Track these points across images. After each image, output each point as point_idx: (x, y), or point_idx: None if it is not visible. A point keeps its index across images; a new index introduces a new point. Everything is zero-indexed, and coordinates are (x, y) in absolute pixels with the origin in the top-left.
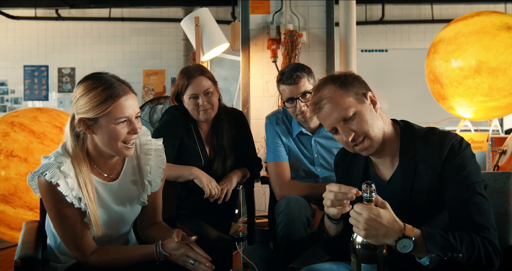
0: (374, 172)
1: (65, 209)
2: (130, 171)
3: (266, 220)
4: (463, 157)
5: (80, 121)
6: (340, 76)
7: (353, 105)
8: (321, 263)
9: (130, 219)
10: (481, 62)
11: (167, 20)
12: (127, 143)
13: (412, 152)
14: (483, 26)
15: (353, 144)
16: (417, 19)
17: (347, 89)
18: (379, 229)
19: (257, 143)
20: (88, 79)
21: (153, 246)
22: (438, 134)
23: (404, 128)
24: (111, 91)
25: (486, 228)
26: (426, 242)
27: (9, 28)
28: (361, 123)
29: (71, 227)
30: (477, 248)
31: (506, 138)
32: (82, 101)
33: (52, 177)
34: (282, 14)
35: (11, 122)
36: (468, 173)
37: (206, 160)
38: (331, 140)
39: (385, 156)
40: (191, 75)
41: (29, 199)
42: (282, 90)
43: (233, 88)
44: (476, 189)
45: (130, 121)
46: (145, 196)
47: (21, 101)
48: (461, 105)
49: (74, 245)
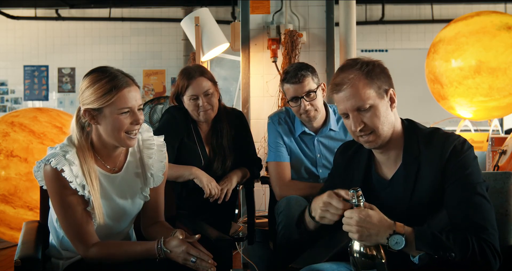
0: (376, 170)
1: (69, 196)
2: (133, 164)
3: (266, 220)
4: (465, 158)
5: (85, 112)
6: (369, 64)
7: (372, 98)
8: (321, 263)
9: (131, 213)
10: (481, 62)
11: (167, 20)
12: (129, 133)
13: (416, 152)
14: (483, 26)
15: (359, 134)
16: (417, 19)
17: (371, 80)
18: (370, 228)
19: (257, 143)
20: (94, 72)
21: (155, 243)
22: (442, 135)
23: (408, 127)
24: (115, 82)
25: (485, 229)
26: (416, 239)
27: (9, 28)
28: (373, 118)
29: (74, 215)
30: (471, 248)
31: (506, 138)
32: (88, 93)
33: (57, 163)
34: (282, 14)
35: (11, 122)
36: (469, 174)
37: (206, 160)
38: (334, 140)
39: (389, 153)
40: (191, 76)
41: (29, 199)
42: (286, 89)
43: (233, 88)
44: (477, 189)
45: (133, 112)
46: (148, 190)
47: (21, 101)
48: (461, 105)
49: (76, 234)
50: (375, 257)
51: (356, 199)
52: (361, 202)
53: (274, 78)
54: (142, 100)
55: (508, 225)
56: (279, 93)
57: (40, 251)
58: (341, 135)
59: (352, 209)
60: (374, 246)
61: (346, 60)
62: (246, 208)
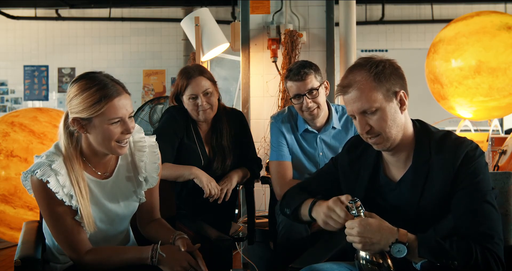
0: (384, 172)
1: (56, 207)
2: (124, 168)
3: (266, 220)
4: (476, 165)
5: (74, 120)
6: (380, 64)
7: (379, 101)
8: (322, 263)
9: (126, 216)
10: (481, 62)
11: (167, 20)
12: (120, 142)
13: (427, 155)
14: (483, 26)
15: (366, 136)
16: (417, 19)
17: (380, 83)
18: (372, 237)
19: (257, 143)
20: (82, 78)
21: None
22: (454, 140)
23: (420, 130)
24: (105, 92)
25: (491, 238)
26: (419, 247)
27: (9, 28)
28: (380, 121)
29: (64, 225)
30: (474, 257)
31: (506, 138)
32: (76, 101)
33: (42, 175)
34: (282, 14)
35: (11, 122)
36: (479, 181)
37: (206, 160)
38: (336, 139)
39: (399, 155)
40: (190, 75)
41: (29, 199)
42: (289, 87)
43: (233, 88)
44: (486, 198)
45: (123, 122)
46: (142, 192)
47: (21, 101)
48: (461, 105)
49: (68, 244)
50: (381, 264)
51: (355, 209)
52: (361, 212)
53: (274, 78)
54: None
55: (508, 225)
56: (279, 93)
57: (40, 251)
58: (344, 133)
59: (352, 220)
60: (379, 253)
61: (358, 59)
62: (246, 208)
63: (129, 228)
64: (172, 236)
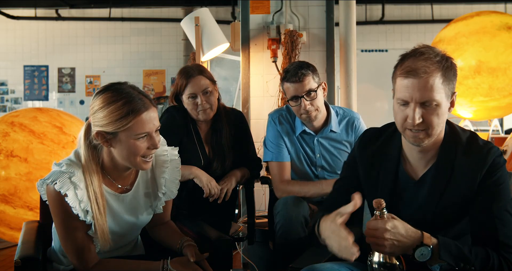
0: (405, 168)
1: (70, 221)
2: (144, 183)
3: (266, 220)
4: (501, 172)
5: (98, 134)
6: (448, 60)
7: (441, 98)
8: (322, 263)
9: (140, 226)
10: (481, 62)
11: (167, 20)
12: (146, 157)
13: (452, 156)
14: (483, 26)
15: (411, 127)
16: (417, 19)
17: (447, 78)
18: (400, 240)
19: (257, 143)
20: (107, 90)
21: (159, 263)
22: (482, 145)
23: (447, 130)
24: (132, 105)
25: (509, 247)
26: (441, 249)
27: (9, 28)
28: (434, 117)
29: (74, 238)
30: (491, 264)
31: (506, 138)
32: (101, 114)
33: (61, 187)
34: (282, 14)
35: (11, 122)
36: (502, 189)
37: (206, 160)
38: (334, 142)
39: (426, 152)
40: (189, 74)
41: (29, 199)
42: (286, 88)
43: (233, 88)
44: (507, 206)
45: (150, 136)
46: (160, 206)
47: (21, 101)
48: (461, 105)
49: (76, 256)
50: (395, 266)
51: (380, 210)
52: (385, 213)
53: (274, 78)
54: None
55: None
56: (279, 93)
57: (40, 251)
58: (343, 136)
59: (376, 220)
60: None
61: (423, 47)
62: (246, 208)
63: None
64: (179, 241)
